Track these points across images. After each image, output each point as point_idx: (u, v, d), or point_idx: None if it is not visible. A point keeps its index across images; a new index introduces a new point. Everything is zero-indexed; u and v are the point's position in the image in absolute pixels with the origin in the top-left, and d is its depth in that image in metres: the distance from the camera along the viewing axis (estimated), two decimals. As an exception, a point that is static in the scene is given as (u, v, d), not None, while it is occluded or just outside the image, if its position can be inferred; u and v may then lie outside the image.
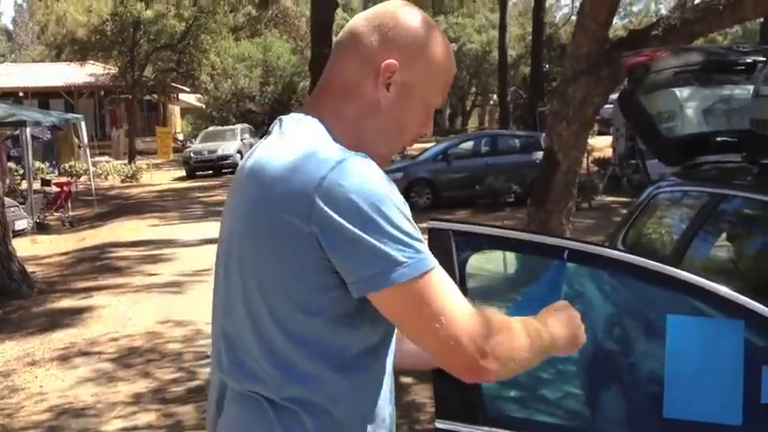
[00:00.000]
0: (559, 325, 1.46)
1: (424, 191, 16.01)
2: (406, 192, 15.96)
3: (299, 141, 1.32)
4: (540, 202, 8.08)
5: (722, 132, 3.57)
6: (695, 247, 3.15)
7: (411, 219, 1.28)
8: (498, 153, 16.78)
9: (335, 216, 1.23)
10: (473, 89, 48.04)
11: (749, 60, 3.50)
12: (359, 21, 1.42)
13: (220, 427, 1.43)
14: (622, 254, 1.80)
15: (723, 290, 1.66)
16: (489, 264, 2.03)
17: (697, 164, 3.62)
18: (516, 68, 38.73)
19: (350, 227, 1.22)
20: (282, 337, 1.30)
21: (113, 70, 32.37)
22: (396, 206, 1.26)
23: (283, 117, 1.42)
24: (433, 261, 1.27)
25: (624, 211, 4.10)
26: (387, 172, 1.33)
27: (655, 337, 1.80)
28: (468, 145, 17.46)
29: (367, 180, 1.25)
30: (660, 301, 1.77)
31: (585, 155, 5.06)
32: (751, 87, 3.37)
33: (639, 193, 4.41)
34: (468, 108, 50.84)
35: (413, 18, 1.40)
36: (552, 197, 7.91)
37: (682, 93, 4.03)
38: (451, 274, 1.75)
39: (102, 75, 32.99)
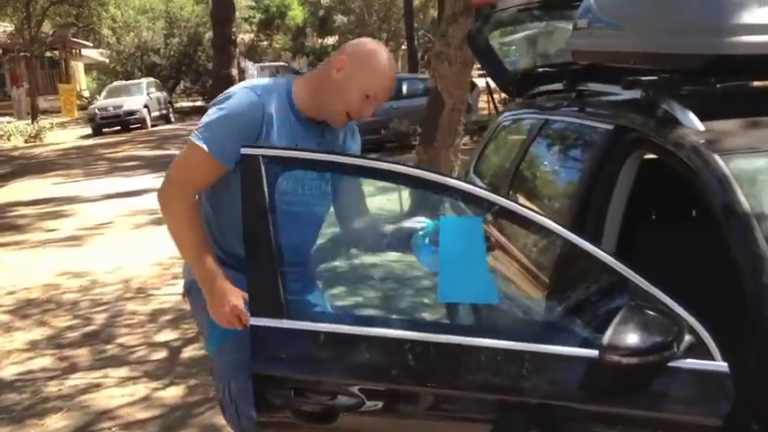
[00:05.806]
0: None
1: (331, 137, 16.15)
2: (314, 139, 16.09)
3: None
4: (427, 141, 8.43)
5: (556, 64, 3.88)
6: (524, 165, 3.49)
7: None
8: (402, 97, 16.99)
9: None
10: (384, 34, 47.77)
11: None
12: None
13: None
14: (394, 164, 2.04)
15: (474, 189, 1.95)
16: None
17: (537, 93, 3.94)
18: (425, 11, 38.73)
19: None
20: None
21: (9, 27, 31.10)
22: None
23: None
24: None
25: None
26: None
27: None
28: (373, 90, 17.64)
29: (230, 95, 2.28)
30: (435, 204, 2.06)
31: (491, 95, 5.36)
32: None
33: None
34: (380, 54, 50.54)
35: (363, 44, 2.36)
36: (439, 135, 8.26)
37: (524, 29, 4.34)
38: (260, 191, 2.02)
39: (-2, 33, 31.69)
